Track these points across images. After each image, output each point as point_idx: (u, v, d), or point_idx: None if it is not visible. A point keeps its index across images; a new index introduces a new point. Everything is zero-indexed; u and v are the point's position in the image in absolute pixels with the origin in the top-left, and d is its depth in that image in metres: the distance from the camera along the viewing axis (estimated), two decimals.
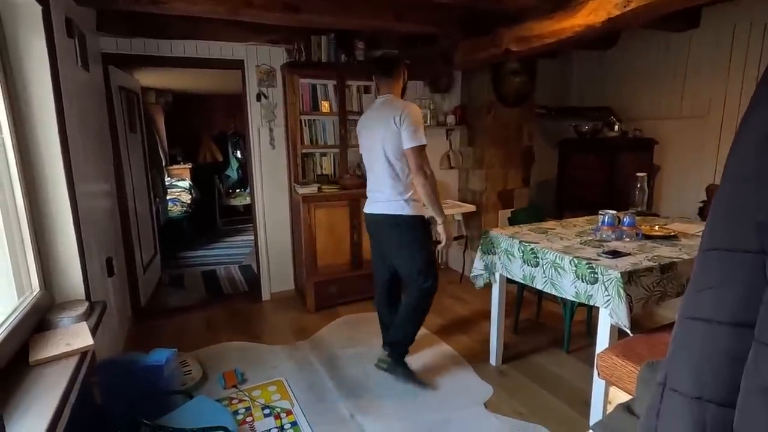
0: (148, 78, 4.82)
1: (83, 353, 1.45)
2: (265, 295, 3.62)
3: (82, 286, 1.83)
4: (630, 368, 1.39)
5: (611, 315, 1.66)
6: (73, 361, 1.38)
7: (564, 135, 4.24)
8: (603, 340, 1.73)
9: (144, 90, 5.44)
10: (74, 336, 1.50)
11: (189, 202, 5.47)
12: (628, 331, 1.59)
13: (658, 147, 3.63)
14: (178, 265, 4.68)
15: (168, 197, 5.30)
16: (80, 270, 1.81)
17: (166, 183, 5.58)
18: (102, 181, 2.64)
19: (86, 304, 1.77)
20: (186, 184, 5.78)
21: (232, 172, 6.76)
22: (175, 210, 5.23)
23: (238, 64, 3.27)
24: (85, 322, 1.60)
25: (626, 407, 0.93)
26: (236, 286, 4.02)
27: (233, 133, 6.80)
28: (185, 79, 5.07)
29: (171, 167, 6.12)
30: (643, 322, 2.77)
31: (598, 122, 3.86)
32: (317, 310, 3.32)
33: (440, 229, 2.27)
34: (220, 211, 6.41)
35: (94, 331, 1.64)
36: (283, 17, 2.58)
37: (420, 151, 2.12)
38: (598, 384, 1.76)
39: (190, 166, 6.29)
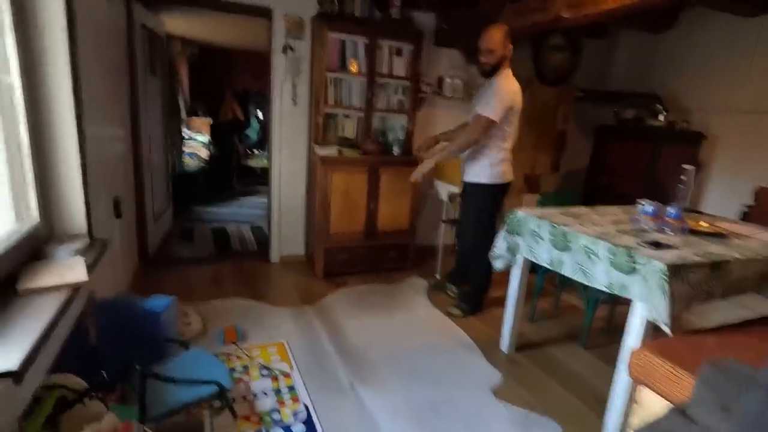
0: (175, 25, 4.67)
1: (75, 288, 1.36)
2: (274, 258, 3.54)
3: (85, 222, 1.73)
4: (668, 369, 1.24)
5: (650, 310, 1.49)
6: (63, 295, 1.29)
7: (599, 122, 3.98)
8: (634, 336, 1.57)
9: (169, 38, 5.31)
10: (69, 269, 1.41)
11: (206, 158, 5.39)
12: (668, 331, 1.43)
13: (706, 142, 3.36)
14: (191, 218, 4.63)
15: (186, 151, 5.23)
16: (83, 205, 1.72)
17: (185, 135, 5.50)
18: (114, 121, 2.53)
19: (86, 239, 1.68)
20: (205, 138, 5.69)
21: (252, 133, 6.65)
22: (191, 164, 5.16)
23: (265, 12, 3.09)
24: (82, 257, 1.51)
25: (681, 412, 0.79)
26: (246, 246, 3.95)
27: (257, 93, 6.65)
28: (211, 30, 4.91)
29: (190, 119, 6.02)
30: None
31: (642, 110, 3.59)
32: (325, 277, 3.23)
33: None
34: (237, 171, 6.33)
35: (91, 268, 1.55)
36: None
37: None
38: (621, 382, 1.61)
39: (210, 122, 6.18)
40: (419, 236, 3.67)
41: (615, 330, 2.69)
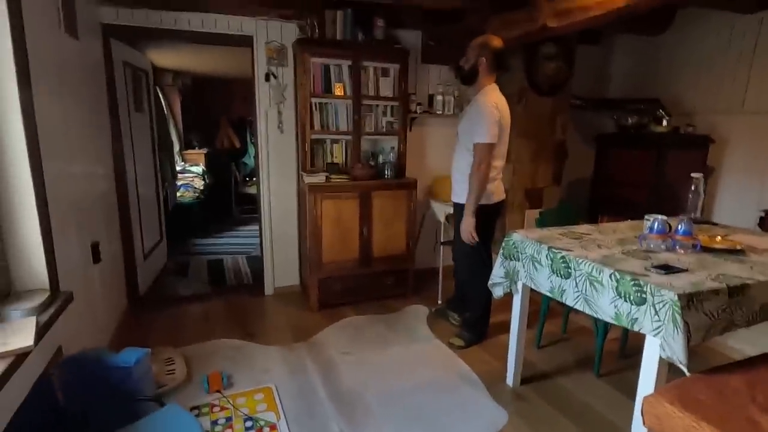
0: (164, 58, 4.68)
1: (22, 354, 1.24)
2: (268, 290, 3.41)
3: (46, 275, 1.63)
4: (689, 421, 1.07)
5: (663, 347, 1.32)
6: (3, 364, 1.17)
7: (601, 130, 3.83)
8: (648, 378, 1.39)
9: (160, 71, 5.33)
10: (16, 333, 1.29)
11: (202, 188, 5.34)
12: (685, 370, 1.25)
13: (714, 146, 3.19)
14: (187, 252, 4.54)
15: (181, 183, 5.18)
16: (44, 256, 1.62)
17: (180, 168, 5.47)
18: (92, 161, 2.45)
19: (46, 294, 1.57)
20: (199, 169, 5.64)
21: (249, 160, 6.61)
22: (186, 196, 5.10)
23: (247, 41, 3.04)
24: (34, 318, 1.39)
25: None
26: (241, 278, 3.84)
27: (252, 120, 6.65)
28: (201, 61, 4.91)
29: (186, 152, 6.00)
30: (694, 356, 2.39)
31: (644, 116, 3.43)
32: (320, 309, 3.08)
33: None
34: (236, 199, 6.27)
35: (48, 326, 1.44)
36: None
37: None
38: (639, 430, 1.42)
39: (205, 152, 6.15)
40: (419, 259, 3.52)
41: (630, 352, 2.50)
